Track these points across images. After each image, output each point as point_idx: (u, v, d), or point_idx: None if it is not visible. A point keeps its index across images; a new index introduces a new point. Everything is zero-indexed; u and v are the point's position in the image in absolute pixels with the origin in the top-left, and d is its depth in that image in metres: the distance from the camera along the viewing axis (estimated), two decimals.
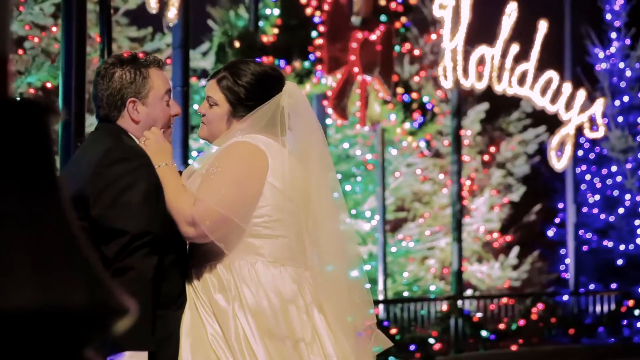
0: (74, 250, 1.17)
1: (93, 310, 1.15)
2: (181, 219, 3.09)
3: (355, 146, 12.97)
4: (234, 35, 8.66)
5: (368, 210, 12.71)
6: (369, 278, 12.18)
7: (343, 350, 3.20)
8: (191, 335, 3.10)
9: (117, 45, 9.70)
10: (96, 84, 3.25)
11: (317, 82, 9.44)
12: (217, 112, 3.33)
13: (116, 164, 3.02)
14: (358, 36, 10.02)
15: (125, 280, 2.88)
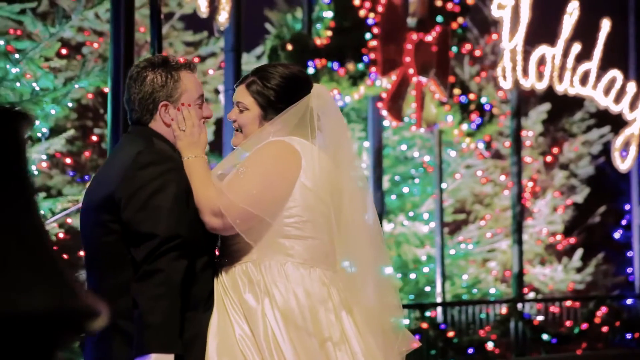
0: (39, 254, 1.18)
1: (55, 313, 1.16)
2: (207, 209, 3.10)
3: (413, 148, 12.91)
4: (287, 38, 8.69)
5: (426, 213, 12.63)
6: (428, 280, 12.13)
7: (370, 350, 3.19)
8: (218, 336, 3.11)
9: (174, 50, 9.82)
10: (129, 87, 3.28)
11: (371, 84, 9.42)
12: (248, 116, 3.35)
13: (146, 168, 3.04)
14: (413, 37, 9.98)
15: (153, 283, 2.90)
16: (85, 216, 3.18)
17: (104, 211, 3.05)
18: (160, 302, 2.88)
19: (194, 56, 9.87)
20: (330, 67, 8.97)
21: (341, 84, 9.05)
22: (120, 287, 2.99)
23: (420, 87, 10.08)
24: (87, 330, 1.27)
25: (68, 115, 9.19)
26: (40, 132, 6.05)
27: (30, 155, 5.62)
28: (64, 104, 5.87)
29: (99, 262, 3.11)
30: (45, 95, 5.70)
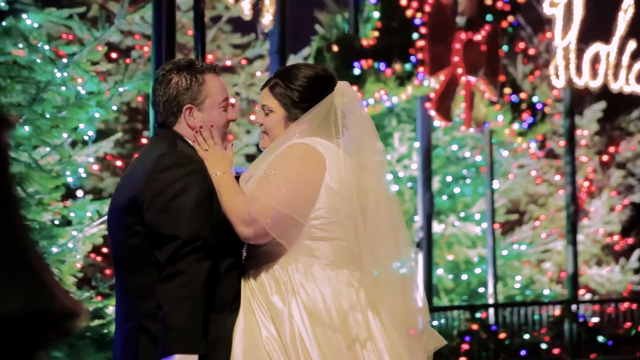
0: (14, 258, 1.20)
1: (29, 315, 1.17)
2: (237, 219, 3.11)
3: (464, 148, 12.82)
4: (333, 39, 8.69)
5: (477, 213, 12.54)
6: (480, 281, 12.03)
7: (396, 348, 3.17)
8: (244, 337, 3.12)
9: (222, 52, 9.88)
10: (154, 90, 3.30)
11: (419, 84, 9.37)
12: (273, 119, 3.35)
13: (169, 170, 3.06)
14: (462, 37, 9.91)
15: (176, 285, 2.92)
16: (111, 218, 3.21)
17: (128, 213, 3.08)
18: (183, 304, 2.90)
19: (241, 58, 9.93)
20: (376, 68, 8.95)
21: (388, 85, 9.02)
22: (145, 289, 3.02)
23: (470, 86, 10.01)
24: (67, 332, 1.28)
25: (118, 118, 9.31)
26: (87, 135, 6.12)
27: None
28: (109, 107, 5.94)
29: (125, 264, 3.14)
30: (90, 98, 5.77)
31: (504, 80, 10.75)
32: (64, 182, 6.19)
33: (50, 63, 5.77)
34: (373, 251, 3.27)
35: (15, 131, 5.53)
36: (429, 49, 9.41)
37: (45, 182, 5.81)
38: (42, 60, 5.77)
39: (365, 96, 8.91)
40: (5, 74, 5.76)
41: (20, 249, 1.23)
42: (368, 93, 8.89)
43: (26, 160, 5.70)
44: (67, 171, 6.29)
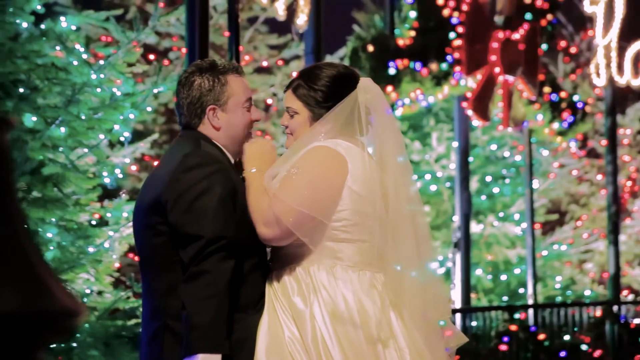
0: (12, 257, 1.22)
1: (26, 314, 1.19)
2: (259, 220, 3.13)
3: (504, 147, 12.73)
4: (368, 39, 8.68)
5: (517, 213, 12.44)
6: (519, 282, 11.93)
7: (417, 347, 3.17)
8: (268, 337, 3.13)
9: (259, 53, 9.92)
10: (177, 92, 3.33)
11: (455, 83, 9.33)
12: (298, 120, 3.36)
13: (192, 170, 3.08)
14: (499, 36, 9.84)
15: (200, 284, 2.94)
16: (136, 219, 3.25)
17: (152, 213, 3.11)
18: (206, 303, 2.92)
19: (277, 59, 9.96)
20: (412, 68, 8.93)
21: (424, 85, 8.99)
22: (170, 288, 3.05)
23: (507, 86, 9.94)
24: (67, 331, 1.30)
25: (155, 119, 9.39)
26: (123, 136, 6.18)
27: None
28: (143, 109, 5.99)
29: (151, 264, 3.17)
30: (125, 100, 5.83)
31: (543, 79, 10.66)
32: (101, 183, 6.26)
33: (86, 65, 5.84)
34: (395, 252, 3.26)
35: (52, 132, 5.60)
36: (466, 48, 9.36)
37: (81, 182, 5.88)
38: (78, 62, 5.83)
39: (401, 96, 8.89)
40: (42, 76, 5.84)
41: (19, 249, 1.24)
42: (404, 93, 8.87)
43: (63, 162, 5.77)
44: (104, 172, 6.36)
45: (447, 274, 11.54)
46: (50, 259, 5.52)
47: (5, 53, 5.62)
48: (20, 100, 5.48)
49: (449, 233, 11.57)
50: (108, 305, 5.80)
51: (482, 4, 9.71)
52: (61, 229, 5.72)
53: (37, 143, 5.54)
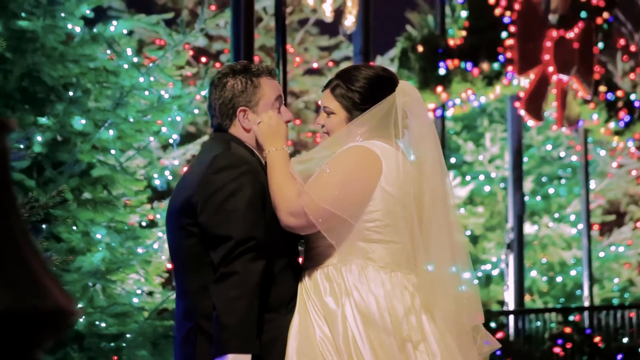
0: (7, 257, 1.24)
1: (19, 313, 1.21)
2: (285, 208, 3.13)
3: (559, 147, 12.57)
4: (418, 40, 8.65)
5: (573, 214, 12.27)
6: (575, 284, 11.78)
7: (449, 350, 3.15)
8: (299, 337, 3.14)
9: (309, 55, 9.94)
10: (210, 93, 3.35)
11: (507, 83, 9.24)
12: (335, 120, 3.36)
13: (222, 172, 3.10)
14: (553, 35, 9.73)
15: (230, 285, 2.96)
16: (169, 220, 3.28)
17: (183, 215, 3.14)
18: (236, 304, 2.94)
19: (327, 60, 9.97)
20: (463, 68, 8.87)
21: (475, 85, 8.92)
22: (202, 289, 3.07)
23: (562, 85, 9.82)
24: (61, 330, 1.32)
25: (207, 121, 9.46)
26: (172, 138, 6.25)
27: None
28: (190, 111, 6.05)
29: (183, 265, 3.20)
30: (172, 102, 5.89)
31: (599, 78, 10.51)
32: (150, 185, 6.34)
33: (135, 68, 5.91)
34: (428, 253, 3.25)
35: (101, 135, 5.68)
36: (519, 48, 9.27)
37: (130, 184, 5.96)
38: (128, 65, 5.91)
39: (451, 96, 8.84)
40: (93, 79, 5.93)
41: (13, 247, 1.27)
42: (454, 93, 8.81)
43: (112, 164, 5.85)
44: (154, 174, 6.45)
45: (501, 275, 11.44)
46: (99, 259, 5.60)
47: (57, 57, 5.72)
48: (71, 103, 5.57)
49: (503, 234, 11.47)
50: (157, 305, 5.87)
51: (535, 3, 9.61)
52: (111, 230, 5.80)
53: (86, 145, 5.63)
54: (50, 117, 5.48)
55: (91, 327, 5.44)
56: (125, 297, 5.83)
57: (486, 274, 11.87)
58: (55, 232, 5.52)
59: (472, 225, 11.98)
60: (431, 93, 8.57)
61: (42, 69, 5.56)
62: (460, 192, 11.93)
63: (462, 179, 12.21)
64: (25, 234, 1.31)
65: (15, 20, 5.52)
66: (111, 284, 5.76)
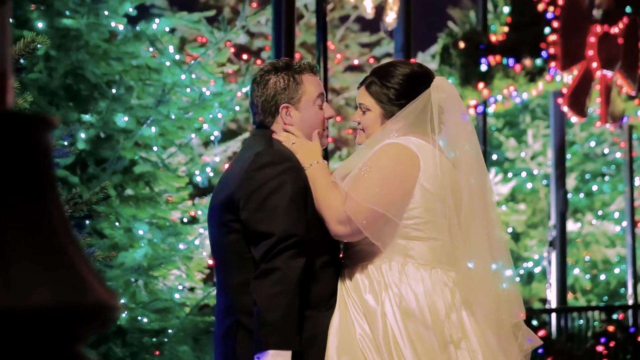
0: (50, 253, 1.26)
1: (60, 308, 1.23)
2: (332, 218, 3.14)
3: (603, 144, 12.44)
4: (459, 36, 8.60)
5: (617, 212, 12.14)
6: (618, 282, 11.64)
7: (490, 347, 3.13)
8: (339, 334, 3.14)
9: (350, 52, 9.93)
10: (252, 90, 3.37)
11: (550, 79, 9.16)
12: (370, 117, 3.36)
13: (264, 168, 3.12)
14: (597, 30, 9.62)
15: (271, 281, 2.97)
16: (211, 216, 3.30)
17: (226, 211, 3.16)
18: (277, 300, 2.95)
19: (368, 57, 9.95)
20: (505, 64, 8.80)
21: (517, 81, 8.85)
22: (243, 285, 3.09)
23: (606, 81, 9.71)
24: (103, 325, 1.34)
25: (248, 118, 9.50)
26: (213, 135, 6.28)
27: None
28: (231, 108, 6.08)
29: (224, 261, 3.22)
30: (213, 99, 5.93)
31: None
32: (191, 181, 6.38)
33: (177, 66, 5.95)
34: (467, 249, 3.23)
35: (143, 132, 5.73)
36: (562, 44, 9.18)
37: (172, 181, 6.00)
38: (170, 63, 5.95)
39: (493, 92, 8.78)
40: (136, 77, 5.98)
41: (56, 242, 1.28)
42: (496, 89, 8.75)
43: (154, 160, 5.90)
44: (195, 170, 6.49)
45: (543, 273, 11.34)
46: (142, 255, 5.65)
47: (100, 55, 5.78)
48: (114, 100, 5.62)
49: (545, 231, 11.37)
50: (198, 301, 5.91)
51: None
52: (153, 226, 5.85)
53: (129, 142, 5.68)
54: (93, 115, 5.54)
55: (133, 323, 5.49)
56: (167, 293, 5.88)
57: (528, 272, 11.78)
58: (98, 228, 5.58)
59: (514, 223, 11.90)
60: (472, 89, 8.52)
61: (86, 67, 5.61)
62: (502, 189, 11.86)
63: (504, 176, 12.13)
64: (67, 229, 1.33)
65: (60, 19, 5.58)
66: (153, 280, 5.81)
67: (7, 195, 1.27)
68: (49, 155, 1.35)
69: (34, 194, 1.30)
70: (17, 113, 1.33)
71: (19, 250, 1.24)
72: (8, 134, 1.29)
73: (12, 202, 1.26)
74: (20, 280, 1.22)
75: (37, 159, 1.32)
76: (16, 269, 1.22)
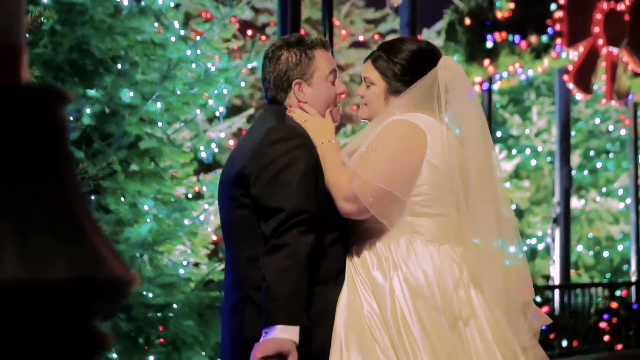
0: (65, 225, 1.26)
1: (77, 282, 1.23)
2: (339, 195, 3.14)
3: (608, 121, 12.42)
4: (465, 12, 8.56)
5: (621, 189, 12.13)
6: (622, 259, 11.66)
7: (499, 325, 3.14)
8: (347, 311, 3.14)
9: (355, 28, 9.89)
10: (264, 66, 3.36)
11: (556, 56, 9.12)
12: (374, 91, 3.36)
13: (276, 144, 3.11)
14: (603, 7, 9.58)
15: (281, 257, 2.97)
16: (221, 191, 3.31)
17: (236, 186, 3.16)
18: (286, 275, 2.95)
19: (373, 33, 9.91)
20: (511, 41, 8.77)
21: (523, 58, 8.82)
22: (252, 260, 3.09)
23: (611, 58, 9.67)
24: (119, 299, 1.34)
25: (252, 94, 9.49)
26: (218, 111, 6.27)
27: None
28: (237, 84, 6.07)
29: (234, 235, 3.22)
30: (219, 75, 5.91)
31: None
32: (197, 157, 6.38)
33: (182, 41, 5.93)
34: (475, 226, 3.23)
35: (149, 107, 5.72)
36: (568, 20, 9.14)
37: (177, 156, 6.00)
38: (176, 38, 5.93)
39: (498, 69, 8.75)
40: (141, 52, 5.96)
41: (71, 216, 1.28)
42: (502, 66, 8.73)
43: (159, 136, 5.89)
44: (200, 146, 6.48)
45: (547, 250, 11.36)
46: (147, 231, 5.66)
47: (105, 30, 5.76)
48: (119, 76, 5.60)
49: (549, 208, 11.38)
50: (203, 276, 5.92)
51: None
52: (158, 201, 5.85)
53: (134, 118, 5.67)
54: (98, 90, 5.52)
55: (139, 298, 5.51)
56: (172, 268, 5.90)
57: (531, 248, 11.80)
58: (104, 204, 5.58)
59: (518, 199, 11.91)
60: (478, 66, 8.49)
61: (91, 42, 5.60)
62: (506, 165, 11.85)
63: (508, 153, 12.12)
64: (83, 203, 1.33)
65: None
66: (158, 255, 5.82)
67: (24, 170, 1.27)
68: (64, 129, 1.35)
69: (50, 168, 1.29)
70: (33, 87, 1.33)
71: (36, 224, 1.24)
72: (24, 108, 1.29)
73: (29, 176, 1.26)
74: (38, 254, 1.22)
75: (53, 133, 1.31)
76: (33, 243, 1.22)
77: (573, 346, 8.88)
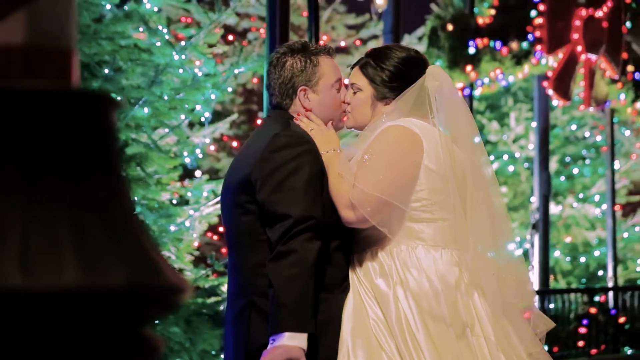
0: (121, 232, 1.24)
1: (135, 289, 1.21)
2: (341, 204, 3.13)
3: (584, 128, 12.53)
4: (447, 18, 8.59)
5: (597, 194, 12.24)
6: (598, 264, 11.75)
7: (504, 330, 3.14)
8: (353, 318, 3.13)
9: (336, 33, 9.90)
10: (269, 73, 3.36)
11: (536, 62, 9.18)
12: (361, 97, 3.36)
13: (282, 150, 3.10)
14: (582, 14, 9.66)
15: (287, 263, 2.95)
16: (225, 197, 3.28)
17: (241, 192, 3.14)
18: (293, 282, 2.94)
19: (355, 39, 9.92)
20: (492, 47, 8.82)
21: (504, 64, 8.87)
22: (257, 266, 3.08)
23: (590, 64, 9.75)
24: (172, 307, 1.32)
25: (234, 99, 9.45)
26: (203, 116, 6.24)
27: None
28: (224, 89, 6.04)
29: (238, 242, 3.20)
30: (206, 80, 5.88)
31: (627, 58, 10.44)
32: (182, 163, 6.34)
33: (168, 46, 5.90)
34: (473, 230, 3.24)
35: (135, 113, 5.68)
36: (548, 27, 9.20)
37: (163, 162, 5.96)
38: (161, 43, 5.89)
39: (480, 75, 8.79)
40: (126, 57, 5.91)
41: (127, 224, 1.27)
42: (483, 72, 8.77)
43: (145, 141, 5.85)
44: (184, 152, 6.44)
45: (525, 256, 11.42)
46: None
47: (90, 35, 5.71)
48: (105, 81, 5.56)
49: (527, 214, 11.44)
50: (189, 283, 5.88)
51: None
52: (144, 207, 5.81)
53: (121, 123, 5.63)
54: None
55: None
56: None
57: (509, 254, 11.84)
58: None
59: None
60: (460, 72, 8.52)
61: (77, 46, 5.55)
62: None
63: None
64: (133, 209, 1.31)
65: None
66: None
67: (80, 172, 1.24)
68: (116, 133, 1.33)
69: (105, 171, 1.27)
70: (88, 92, 1.31)
71: (93, 230, 1.22)
72: (80, 112, 1.27)
73: (84, 179, 1.24)
74: (95, 259, 1.20)
75: (107, 137, 1.29)
76: (90, 247, 1.20)
77: (553, 352, 8.92)
